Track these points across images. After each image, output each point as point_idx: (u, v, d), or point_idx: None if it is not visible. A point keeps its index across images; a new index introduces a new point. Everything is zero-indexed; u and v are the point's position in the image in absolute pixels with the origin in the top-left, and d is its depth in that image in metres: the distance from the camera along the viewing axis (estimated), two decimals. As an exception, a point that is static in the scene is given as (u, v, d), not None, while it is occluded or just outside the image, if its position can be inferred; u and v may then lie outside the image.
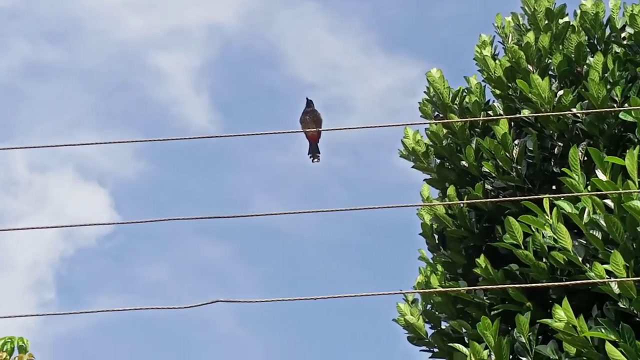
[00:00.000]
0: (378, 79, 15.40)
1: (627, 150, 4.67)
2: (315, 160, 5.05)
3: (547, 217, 4.83)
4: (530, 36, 5.79)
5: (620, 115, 5.21)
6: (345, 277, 13.64)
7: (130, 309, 3.25)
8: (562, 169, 4.94)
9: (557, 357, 4.73)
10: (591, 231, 4.74)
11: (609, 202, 4.77)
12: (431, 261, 6.07)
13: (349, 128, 3.98)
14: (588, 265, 4.73)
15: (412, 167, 6.18)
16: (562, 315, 4.55)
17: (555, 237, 4.79)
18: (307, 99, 5.00)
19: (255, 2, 15.59)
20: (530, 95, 5.53)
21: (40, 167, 15.58)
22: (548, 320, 4.59)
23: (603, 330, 4.51)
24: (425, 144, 6.09)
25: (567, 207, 4.77)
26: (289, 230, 14.68)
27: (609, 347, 4.41)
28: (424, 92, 6.20)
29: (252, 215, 3.77)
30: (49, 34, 15.52)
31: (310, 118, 4.94)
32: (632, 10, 5.75)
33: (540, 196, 4.95)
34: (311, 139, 5.04)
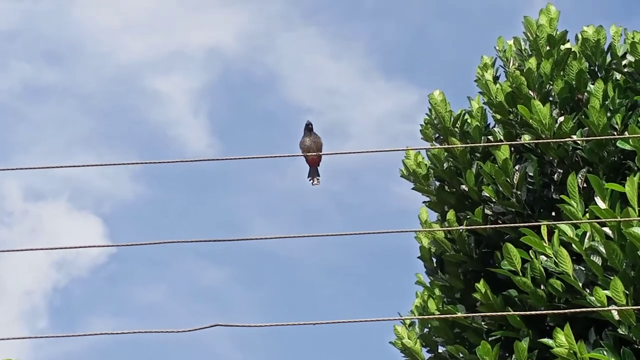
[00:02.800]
0: (377, 104, 15.42)
1: (628, 178, 4.68)
2: (316, 183, 5.05)
3: (545, 244, 4.83)
4: (532, 62, 5.80)
5: (618, 144, 5.22)
6: (342, 300, 13.63)
7: (128, 333, 3.24)
8: (561, 195, 4.94)
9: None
10: (591, 257, 4.74)
11: (608, 230, 4.77)
12: (428, 285, 6.06)
13: (350, 152, 3.98)
14: (588, 291, 4.73)
15: (412, 188, 6.18)
16: (562, 340, 4.54)
17: (557, 261, 4.79)
18: (307, 122, 5.01)
19: (256, 25, 15.63)
20: (531, 121, 5.53)
21: (35, 196, 15.59)
22: (549, 341, 4.58)
23: (605, 353, 4.51)
24: (425, 165, 6.09)
25: (569, 231, 4.77)
26: (286, 254, 14.67)
27: (609, 370, 4.41)
28: (426, 114, 6.21)
29: (249, 239, 3.76)
30: (48, 55, 15.56)
31: (311, 142, 4.95)
32: (633, 38, 5.77)
33: (540, 223, 4.95)
34: (311, 162, 5.04)
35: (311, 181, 5.05)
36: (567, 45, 6.01)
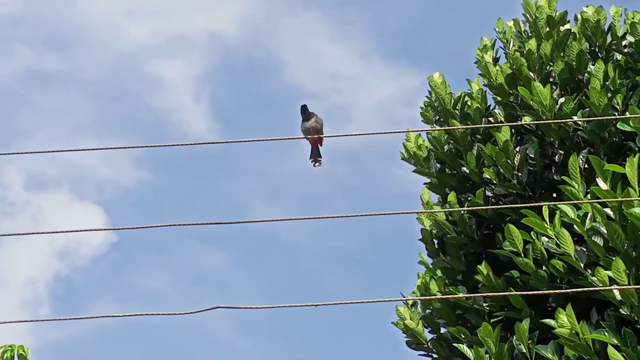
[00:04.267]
0: (378, 88, 15.41)
1: (628, 158, 4.67)
2: (317, 164, 5.05)
3: (546, 225, 4.83)
4: (532, 43, 5.78)
5: (618, 125, 5.21)
6: (345, 284, 13.65)
7: (130, 315, 3.25)
8: (562, 177, 4.94)
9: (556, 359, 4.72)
10: (593, 238, 4.75)
11: (609, 211, 4.77)
12: (431, 266, 6.07)
13: (351, 135, 3.98)
14: (589, 272, 4.74)
15: (413, 171, 6.18)
16: (564, 320, 4.55)
17: (558, 242, 4.79)
18: (302, 105, 5.00)
19: (256, 10, 15.60)
20: (531, 102, 5.53)
21: (37, 186, 15.60)
22: (551, 322, 4.59)
23: (606, 334, 4.52)
24: (426, 147, 6.08)
25: (570, 212, 4.77)
26: (288, 238, 14.68)
27: (611, 350, 4.42)
28: (426, 96, 6.20)
29: (249, 222, 3.76)
30: (51, 41, 15.54)
31: (312, 122, 4.95)
32: (633, 18, 5.75)
33: (541, 203, 4.95)
34: (312, 143, 5.04)
35: (313, 162, 5.05)
36: (567, 27, 5.99)
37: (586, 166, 5.35)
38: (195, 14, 15.76)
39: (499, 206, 5.59)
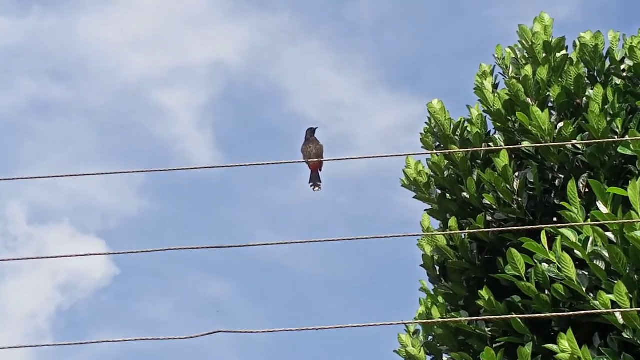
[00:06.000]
0: (381, 116, 15.46)
1: (630, 181, 4.67)
2: (317, 188, 5.06)
3: (547, 251, 4.82)
4: (527, 69, 5.80)
5: (619, 149, 5.22)
6: (346, 312, 13.61)
7: (131, 340, 3.23)
8: (562, 202, 4.94)
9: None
10: (595, 262, 4.74)
11: (610, 234, 4.76)
12: (432, 292, 6.05)
13: (350, 158, 3.99)
14: (592, 295, 4.72)
15: (414, 197, 6.18)
16: (566, 345, 4.53)
17: (560, 267, 4.78)
18: (308, 129, 5.02)
19: (259, 39, 15.69)
20: (530, 127, 5.54)
21: (39, 220, 15.62)
22: (553, 347, 4.57)
23: (605, 360, 4.50)
24: (426, 174, 6.09)
25: (572, 236, 4.76)
26: (290, 266, 14.67)
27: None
28: (425, 123, 6.21)
29: (247, 246, 3.75)
30: (54, 71, 15.61)
31: (312, 147, 4.97)
32: (631, 43, 5.77)
33: (542, 226, 4.94)
34: (312, 167, 5.06)
35: (312, 186, 5.07)
36: (564, 52, 6.01)
37: (587, 190, 5.35)
38: (198, 43, 15.85)
39: (499, 229, 5.59)
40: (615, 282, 4.58)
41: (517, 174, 5.61)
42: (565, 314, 4.66)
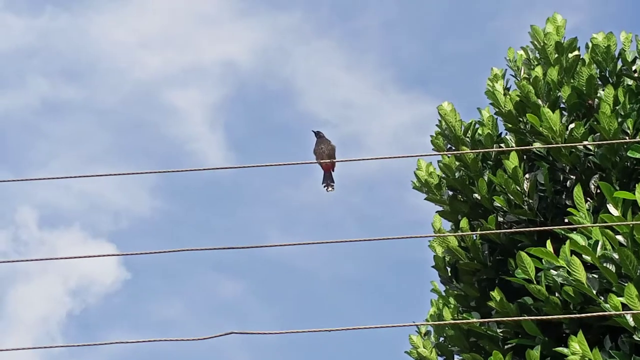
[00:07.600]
0: (392, 116, 15.47)
1: (637, 184, 4.67)
2: (330, 189, 5.08)
3: (555, 256, 4.82)
4: (538, 70, 5.80)
5: (629, 153, 5.21)
6: (359, 313, 13.62)
7: (144, 341, 3.26)
8: (569, 209, 4.94)
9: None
10: (604, 264, 4.73)
11: (620, 237, 4.76)
12: (443, 294, 6.06)
13: (362, 159, 4.00)
14: (602, 298, 4.72)
15: (425, 199, 6.19)
16: (577, 348, 4.53)
17: (569, 270, 4.78)
18: (316, 131, 5.04)
19: (270, 39, 15.71)
20: (541, 128, 5.54)
21: (50, 224, 15.68)
22: (564, 350, 4.57)
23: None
24: (437, 175, 6.09)
25: (581, 240, 4.76)
26: (303, 267, 14.69)
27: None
28: (436, 125, 6.22)
29: (261, 247, 3.77)
30: (66, 72, 15.66)
31: (324, 147, 4.99)
32: (644, 43, 5.77)
33: (553, 227, 4.94)
34: (325, 168, 5.08)
35: (325, 187, 5.09)
36: (576, 53, 6.00)
37: (598, 191, 5.34)
38: (210, 43, 15.89)
39: (510, 230, 5.59)
40: (626, 284, 4.57)
41: (527, 175, 5.61)
42: (576, 315, 4.66)
